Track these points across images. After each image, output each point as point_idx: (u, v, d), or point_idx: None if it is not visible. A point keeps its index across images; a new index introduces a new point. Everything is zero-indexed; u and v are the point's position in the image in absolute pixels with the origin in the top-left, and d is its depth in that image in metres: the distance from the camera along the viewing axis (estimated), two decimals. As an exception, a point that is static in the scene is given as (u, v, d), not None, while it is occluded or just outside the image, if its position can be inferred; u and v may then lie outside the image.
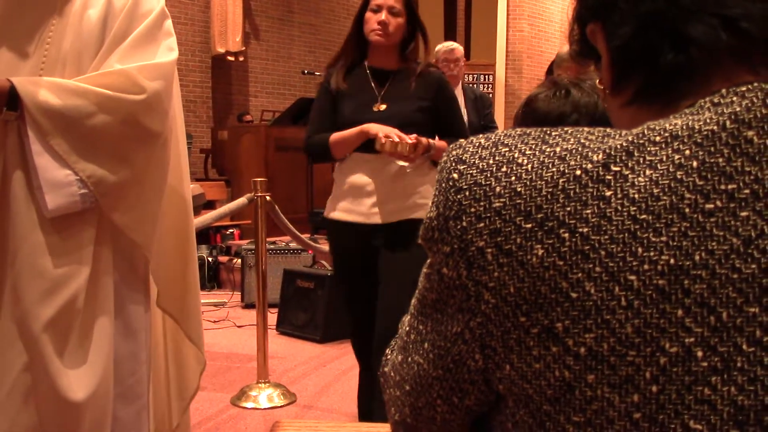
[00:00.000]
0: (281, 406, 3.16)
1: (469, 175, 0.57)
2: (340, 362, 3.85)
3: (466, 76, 10.28)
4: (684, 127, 0.53)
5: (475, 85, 10.23)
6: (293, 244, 5.17)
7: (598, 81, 0.68)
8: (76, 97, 1.43)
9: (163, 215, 1.65)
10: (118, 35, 1.52)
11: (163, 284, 1.68)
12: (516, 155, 0.56)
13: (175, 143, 1.69)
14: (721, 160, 0.51)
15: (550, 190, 0.53)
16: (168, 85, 1.56)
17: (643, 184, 0.52)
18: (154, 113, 1.53)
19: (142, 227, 1.57)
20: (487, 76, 10.25)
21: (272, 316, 4.21)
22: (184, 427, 1.85)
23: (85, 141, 1.45)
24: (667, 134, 0.53)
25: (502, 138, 0.58)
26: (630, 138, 0.54)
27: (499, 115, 10.34)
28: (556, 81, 1.49)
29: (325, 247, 4.46)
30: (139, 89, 1.48)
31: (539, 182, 0.54)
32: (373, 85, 2.36)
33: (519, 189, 0.54)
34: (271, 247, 5.19)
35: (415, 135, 2.20)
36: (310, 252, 5.18)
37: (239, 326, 4.62)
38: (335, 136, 2.32)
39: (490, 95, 10.21)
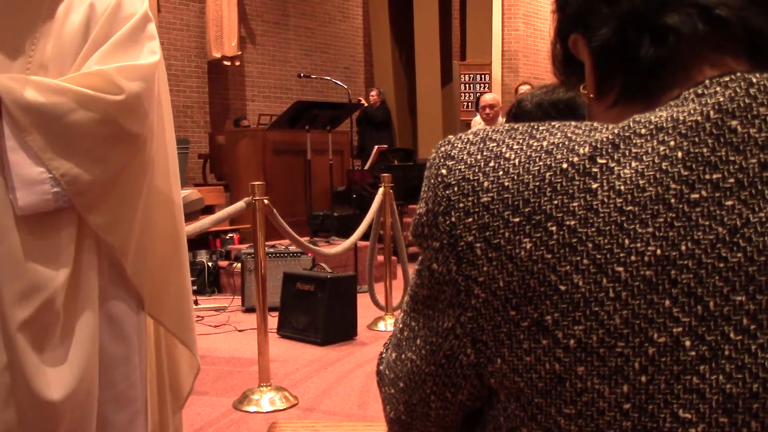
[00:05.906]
0: (283, 410, 3.16)
1: (457, 171, 0.57)
2: (342, 364, 3.85)
3: (462, 76, 10.33)
4: (668, 119, 0.53)
5: (471, 85, 10.25)
6: (293, 248, 5.17)
7: (582, 87, 0.68)
8: (56, 94, 1.41)
9: (153, 220, 1.62)
10: (99, 38, 1.50)
11: (150, 291, 1.64)
12: (503, 150, 0.56)
13: (163, 147, 1.66)
14: (705, 150, 0.51)
15: (538, 183, 0.53)
16: (149, 87, 1.54)
17: (629, 175, 0.52)
18: (132, 114, 1.50)
19: (118, 230, 1.53)
20: (483, 76, 10.25)
21: (273, 320, 4.21)
22: None
23: (62, 138, 1.43)
24: (652, 126, 0.53)
25: (490, 134, 0.59)
26: (616, 131, 0.54)
27: (497, 115, 10.33)
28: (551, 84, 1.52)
29: (323, 249, 4.48)
30: (117, 89, 1.47)
31: (526, 176, 0.54)
32: None
33: (507, 183, 0.54)
34: (271, 250, 5.19)
35: None
36: (309, 255, 5.18)
37: (240, 330, 4.62)
38: None
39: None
